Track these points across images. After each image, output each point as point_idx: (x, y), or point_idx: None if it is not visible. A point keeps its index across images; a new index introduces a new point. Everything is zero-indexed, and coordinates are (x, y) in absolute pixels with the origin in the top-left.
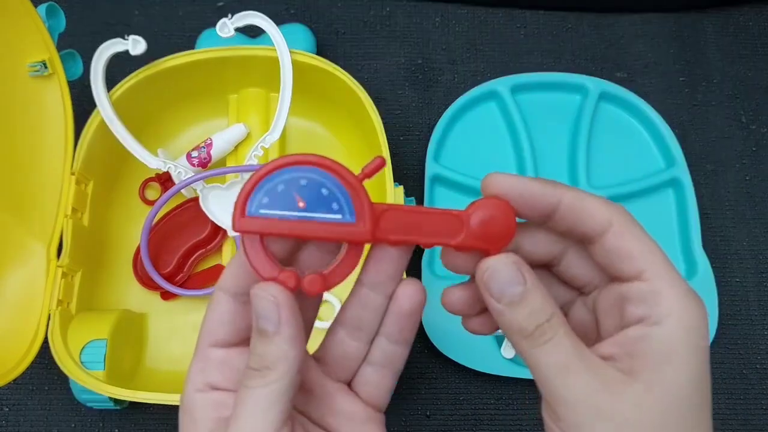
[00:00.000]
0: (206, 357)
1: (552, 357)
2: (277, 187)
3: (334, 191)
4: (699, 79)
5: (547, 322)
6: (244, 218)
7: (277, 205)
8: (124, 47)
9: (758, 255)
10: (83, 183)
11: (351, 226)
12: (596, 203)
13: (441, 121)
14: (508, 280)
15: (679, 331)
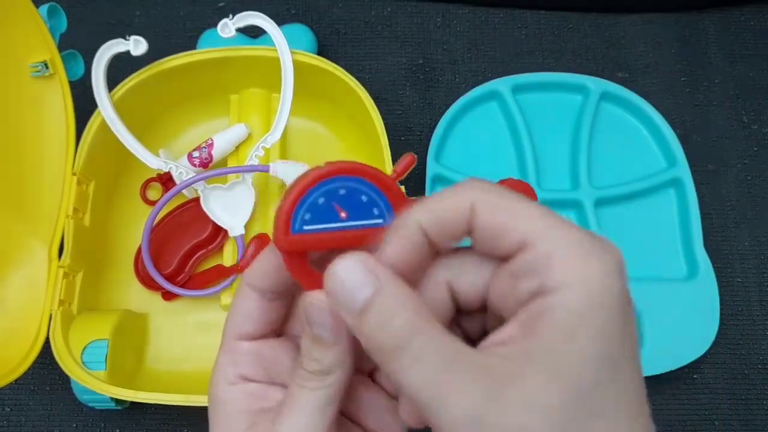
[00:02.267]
0: (235, 349)
1: (420, 376)
2: (318, 201)
3: (372, 196)
4: (700, 79)
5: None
6: (288, 236)
7: (319, 220)
8: (126, 48)
9: (760, 255)
10: (84, 183)
11: None
12: (449, 200)
13: (442, 121)
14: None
15: (581, 297)
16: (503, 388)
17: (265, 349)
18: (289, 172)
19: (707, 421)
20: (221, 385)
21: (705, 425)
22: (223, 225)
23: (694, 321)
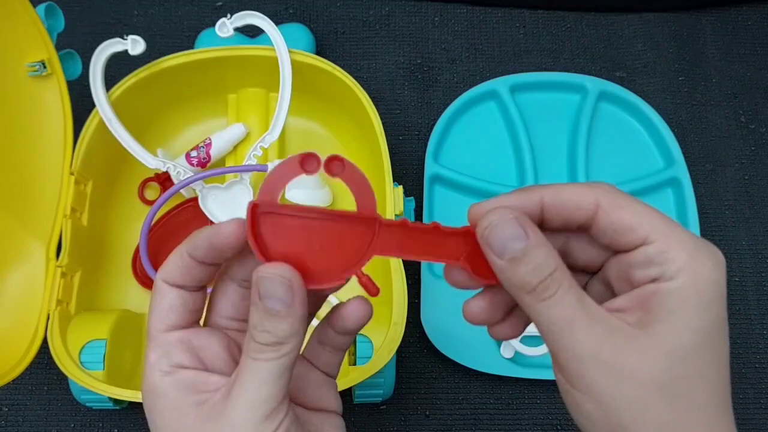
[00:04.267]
0: (165, 341)
1: (556, 311)
2: None
3: None
4: (698, 79)
5: (550, 276)
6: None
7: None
8: (123, 47)
9: (757, 254)
10: (82, 183)
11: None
12: (576, 191)
13: (440, 120)
14: (510, 235)
15: (691, 285)
16: (620, 338)
17: (193, 338)
18: None
19: None
20: (156, 377)
21: None
22: None
23: None
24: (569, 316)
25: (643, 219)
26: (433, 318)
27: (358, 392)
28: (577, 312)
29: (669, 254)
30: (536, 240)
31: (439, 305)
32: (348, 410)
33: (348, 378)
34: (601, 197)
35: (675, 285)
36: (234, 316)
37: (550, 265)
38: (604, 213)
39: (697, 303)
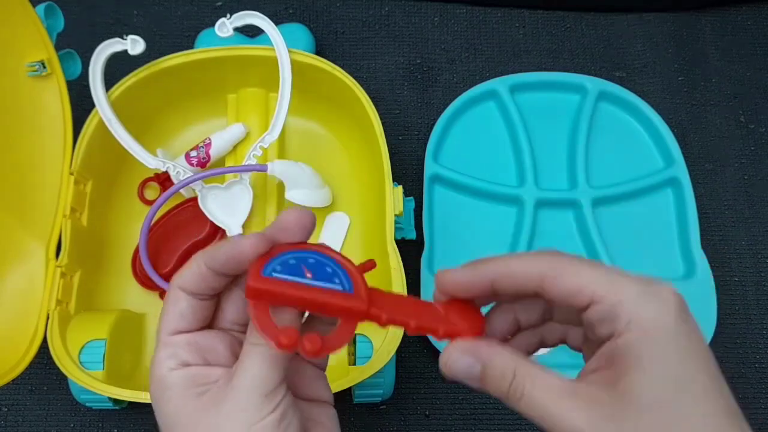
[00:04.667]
0: (172, 343)
1: (532, 406)
2: (289, 261)
3: (336, 270)
4: (698, 79)
5: (514, 380)
6: (259, 278)
7: (288, 273)
8: (123, 47)
9: (757, 254)
10: (82, 183)
11: (351, 297)
12: (521, 264)
13: (440, 120)
14: (466, 365)
15: (643, 335)
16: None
17: (199, 339)
18: (287, 171)
19: None
20: (164, 371)
21: None
22: (220, 224)
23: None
24: (544, 405)
25: (586, 280)
26: None
27: (357, 392)
28: (550, 399)
29: (615, 309)
30: (488, 358)
31: None
32: (348, 410)
33: (348, 378)
34: (544, 268)
35: (628, 339)
36: (237, 320)
37: (509, 370)
38: (549, 282)
39: (652, 351)
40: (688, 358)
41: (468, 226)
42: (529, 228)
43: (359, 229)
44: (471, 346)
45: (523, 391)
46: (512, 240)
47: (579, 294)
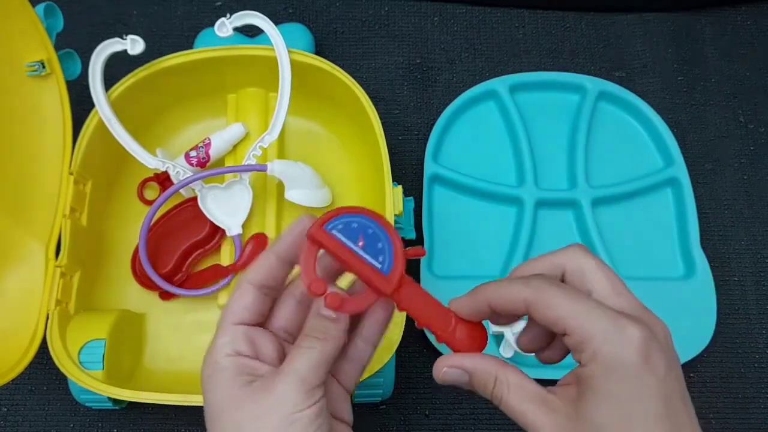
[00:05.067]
0: (233, 332)
1: (510, 407)
2: (352, 224)
3: (386, 249)
4: (697, 79)
5: (494, 388)
6: (321, 229)
7: (345, 235)
8: (123, 47)
9: (756, 254)
10: (81, 183)
11: (382, 278)
12: (512, 291)
13: (439, 120)
14: (456, 376)
15: (602, 369)
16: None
17: (254, 334)
18: (287, 171)
19: (704, 419)
20: (220, 356)
21: (702, 424)
22: (220, 224)
23: (691, 320)
24: (525, 410)
25: (563, 313)
26: None
27: (357, 392)
28: (527, 403)
29: (583, 344)
30: (473, 369)
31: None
32: None
33: None
34: (529, 297)
35: (591, 369)
36: (287, 328)
37: (490, 378)
38: (532, 310)
39: (606, 384)
40: (641, 390)
41: (468, 226)
42: (528, 228)
43: None
44: (458, 360)
45: (501, 396)
46: (512, 240)
47: (556, 324)
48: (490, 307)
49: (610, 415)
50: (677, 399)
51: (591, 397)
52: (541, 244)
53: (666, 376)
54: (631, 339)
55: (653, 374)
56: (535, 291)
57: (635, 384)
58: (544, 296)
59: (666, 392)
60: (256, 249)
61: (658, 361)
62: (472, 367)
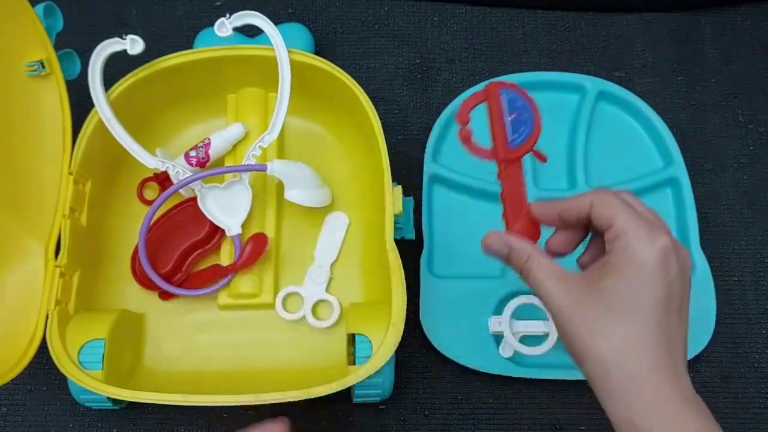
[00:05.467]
0: None
1: (534, 279)
2: (518, 100)
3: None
4: (697, 79)
5: (526, 262)
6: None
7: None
8: (122, 47)
9: (756, 254)
10: (81, 183)
11: (506, 147)
12: (581, 198)
13: (439, 120)
14: (497, 247)
15: (623, 255)
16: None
17: None
18: (287, 171)
19: None
20: None
21: None
22: (220, 224)
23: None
24: (545, 283)
25: (613, 213)
26: (432, 318)
27: (357, 392)
28: (548, 277)
29: (619, 238)
30: (514, 245)
31: (439, 305)
32: (347, 410)
33: (347, 378)
34: (594, 198)
35: (617, 258)
36: None
37: (524, 256)
38: (594, 206)
39: (625, 271)
40: (649, 280)
41: (467, 226)
42: None
43: (359, 229)
44: (506, 237)
45: (530, 269)
46: None
47: (606, 220)
48: (560, 215)
49: (615, 286)
50: (676, 300)
51: (607, 274)
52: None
53: (674, 280)
54: (658, 244)
55: (664, 274)
56: (598, 194)
57: (647, 275)
58: (605, 198)
59: (669, 291)
60: (256, 249)
61: (672, 268)
62: (514, 244)
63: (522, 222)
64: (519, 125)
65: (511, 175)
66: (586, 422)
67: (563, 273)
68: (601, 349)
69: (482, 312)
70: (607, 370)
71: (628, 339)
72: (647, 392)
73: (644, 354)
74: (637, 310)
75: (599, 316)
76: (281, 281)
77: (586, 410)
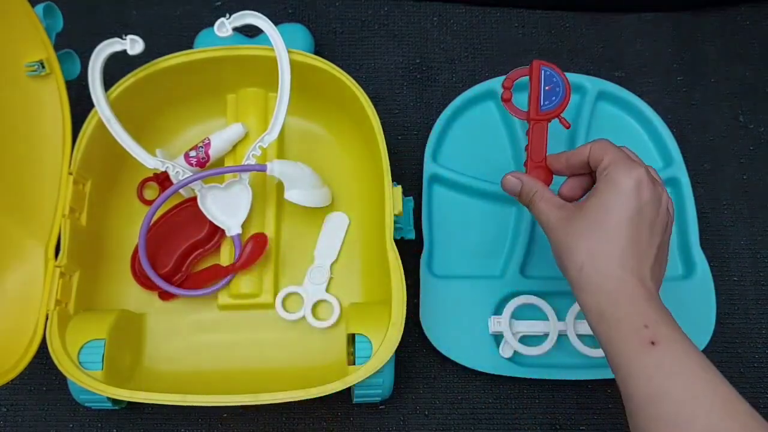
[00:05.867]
0: None
1: (538, 208)
2: (554, 76)
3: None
4: (697, 79)
5: (534, 195)
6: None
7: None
8: (122, 47)
9: (756, 254)
10: (81, 183)
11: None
12: (582, 147)
13: (439, 120)
14: (513, 184)
15: (605, 184)
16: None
17: None
18: (287, 171)
19: None
20: None
21: None
22: (220, 224)
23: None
24: (544, 209)
25: (605, 152)
26: (432, 318)
27: (357, 392)
28: (547, 206)
29: (606, 168)
30: (524, 181)
31: (438, 305)
32: (347, 410)
33: (347, 378)
34: (594, 144)
35: (599, 184)
36: None
37: (532, 191)
38: (593, 150)
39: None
40: (623, 201)
41: (467, 226)
42: (528, 228)
43: (359, 229)
44: (520, 175)
45: (534, 200)
46: (511, 240)
47: (599, 157)
48: (567, 161)
49: (595, 205)
50: (646, 221)
51: (591, 197)
52: (540, 244)
53: (647, 204)
54: (633, 173)
55: (637, 196)
56: (596, 141)
57: (621, 196)
58: (601, 143)
59: (640, 211)
60: (256, 249)
61: (644, 194)
62: (525, 181)
63: (537, 169)
64: (551, 95)
65: (536, 132)
66: (586, 422)
67: (560, 202)
68: (579, 253)
69: (482, 312)
70: (581, 269)
71: (600, 244)
72: (612, 284)
73: (612, 257)
74: (610, 222)
75: (581, 228)
76: (281, 281)
77: (586, 410)
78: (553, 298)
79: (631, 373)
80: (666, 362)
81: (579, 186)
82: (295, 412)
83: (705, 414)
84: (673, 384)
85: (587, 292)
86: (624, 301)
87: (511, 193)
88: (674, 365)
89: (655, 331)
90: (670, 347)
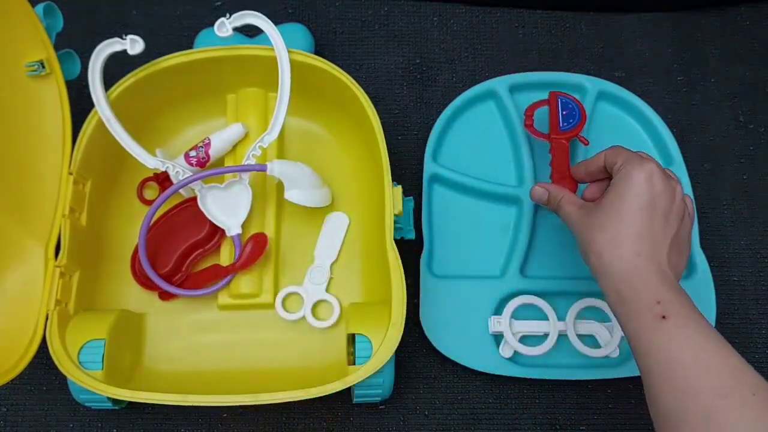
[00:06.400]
0: None
1: (564, 212)
2: (570, 103)
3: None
4: (697, 79)
5: (560, 202)
6: (555, 97)
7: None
8: (122, 47)
9: (756, 253)
10: (81, 183)
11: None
12: (598, 155)
13: (439, 120)
14: (540, 194)
15: (618, 183)
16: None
17: None
18: (287, 171)
19: None
20: None
21: None
22: (220, 224)
23: None
24: (568, 210)
25: (619, 155)
26: (432, 318)
27: (357, 392)
28: (571, 207)
29: (621, 166)
30: (550, 189)
31: (438, 305)
32: (347, 410)
33: (347, 378)
34: (608, 150)
35: (616, 181)
36: None
37: (558, 196)
38: (608, 155)
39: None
40: (637, 192)
41: (467, 226)
42: (528, 228)
43: (359, 229)
44: (547, 185)
45: (560, 204)
46: (512, 240)
47: (614, 160)
48: (586, 168)
49: (612, 198)
50: (660, 211)
51: (608, 192)
52: (540, 245)
53: (659, 195)
54: (645, 167)
55: (649, 188)
56: (611, 148)
57: (635, 188)
58: (615, 148)
59: (653, 201)
60: (256, 249)
61: (657, 186)
62: (551, 189)
63: (562, 180)
64: (569, 117)
65: (557, 149)
66: (586, 422)
67: (582, 202)
68: (598, 242)
69: (482, 312)
70: (601, 255)
71: (617, 232)
72: (628, 266)
73: (628, 242)
74: (625, 211)
75: (600, 220)
76: (281, 281)
77: (586, 410)
78: (553, 298)
79: (645, 346)
80: (677, 334)
81: (599, 190)
82: (295, 412)
83: (715, 380)
84: (683, 354)
85: (607, 276)
86: (638, 281)
87: (539, 201)
88: (685, 337)
89: (667, 306)
90: (681, 321)
